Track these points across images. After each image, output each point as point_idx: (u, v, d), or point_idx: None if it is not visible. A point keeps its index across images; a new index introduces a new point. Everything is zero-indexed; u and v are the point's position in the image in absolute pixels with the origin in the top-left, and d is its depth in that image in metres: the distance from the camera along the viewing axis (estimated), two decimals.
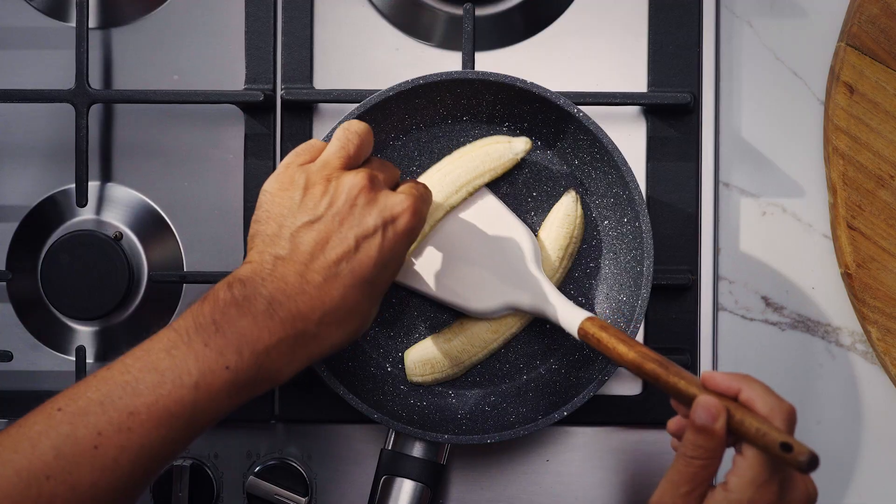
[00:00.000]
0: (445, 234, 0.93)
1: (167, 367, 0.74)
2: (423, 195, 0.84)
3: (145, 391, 0.74)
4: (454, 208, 0.93)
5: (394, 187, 0.85)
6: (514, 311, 0.92)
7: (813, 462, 0.71)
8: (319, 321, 0.78)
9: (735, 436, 0.75)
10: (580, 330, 0.86)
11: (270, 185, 0.82)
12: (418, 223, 0.82)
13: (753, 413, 0.74)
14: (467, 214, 0.93)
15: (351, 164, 0.82)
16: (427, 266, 0.93)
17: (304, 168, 0.81)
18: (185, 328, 0.76)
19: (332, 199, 0.80)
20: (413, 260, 0.93)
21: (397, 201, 0.81)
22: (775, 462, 0.74)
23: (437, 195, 0.91)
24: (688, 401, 0.77)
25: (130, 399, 0.74)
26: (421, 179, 0.93)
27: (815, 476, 1.00)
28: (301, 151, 0.83)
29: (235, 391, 0.76)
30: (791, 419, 0.75)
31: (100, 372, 0.75)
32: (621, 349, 0.81)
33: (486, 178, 0.93)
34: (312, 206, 0.80)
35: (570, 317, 0.87)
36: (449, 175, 0.93)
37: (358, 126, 0.84)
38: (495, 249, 0.92)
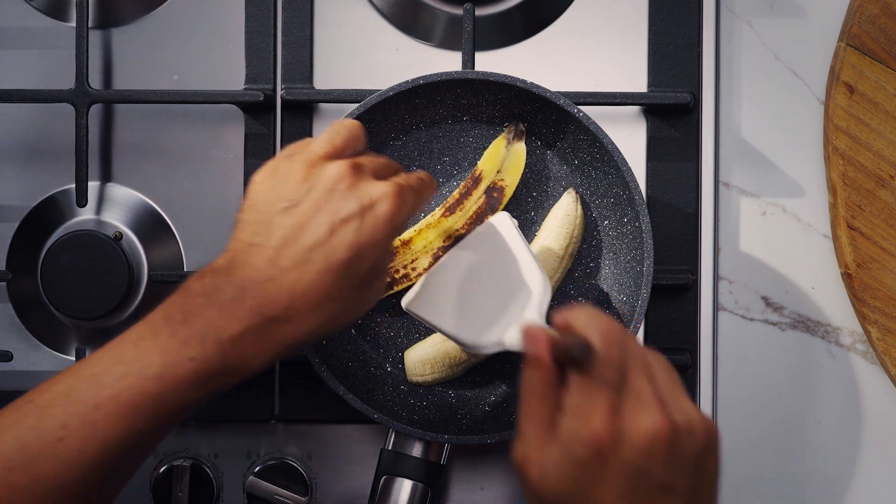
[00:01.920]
0: (456, 263, 0.89)
1: (132, 358, 0.74)
2: (414, 185, 0.81)
3: (110, 383, 0.73)
4: (471, 228, 0.89)
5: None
6: (505, 350, 0.81)
7: (578, 348, 0.68)
8: (288, 306, 0.76)
9: (560, 363, 0.71)
10: None
11: (257, 176, 0.80)
12: (401, 210, 0.78)
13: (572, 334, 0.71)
14: (484, 245, 0.89)
15: (337, 157, 0.80)
16: (430, 292, 0.90)
17: (290, 158, 0.80)
18: (154, 320, 0.76)
19: (311, 185, 0.77)
20: (419, 283, 0.90)
21: (378, 188, 0.78)
22: (591, 385, 0.69)
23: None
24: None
25: (95, 391, 0.73)
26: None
27: (815, 474, 1.00)
28: (292, 146, 0.82)
29: (200, 383, 0.74)
30: (606, 332, 0.70)
31: (73, 365, 0.76)
32: None
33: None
34: (291, 193, 0.78)
35: None
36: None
37: (347, 121, 0.82)
38: (504, 287, 0.86)
